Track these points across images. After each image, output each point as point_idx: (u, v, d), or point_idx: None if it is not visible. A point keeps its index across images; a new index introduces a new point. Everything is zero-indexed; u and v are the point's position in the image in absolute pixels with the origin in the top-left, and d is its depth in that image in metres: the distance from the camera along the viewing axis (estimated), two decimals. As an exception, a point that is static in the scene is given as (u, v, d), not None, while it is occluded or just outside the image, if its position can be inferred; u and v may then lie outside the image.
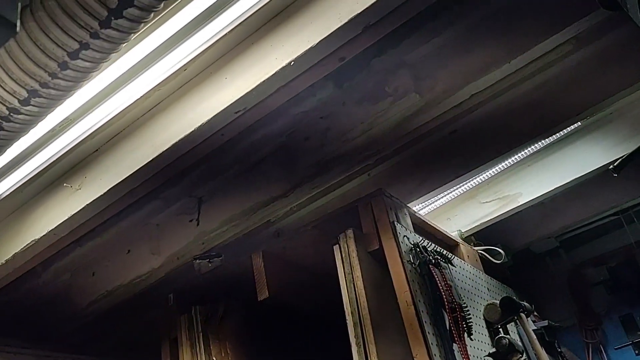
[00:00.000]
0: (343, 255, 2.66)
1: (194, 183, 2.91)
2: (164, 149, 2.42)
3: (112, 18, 1.52)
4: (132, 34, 1.64)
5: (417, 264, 2.56)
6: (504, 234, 3.65)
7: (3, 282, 3.05)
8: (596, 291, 3.94)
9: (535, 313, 3.37)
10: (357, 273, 2.55)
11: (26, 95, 1.65)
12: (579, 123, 3.13)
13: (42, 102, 1.70)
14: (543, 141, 3.24)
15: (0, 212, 2.85)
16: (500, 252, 3.39)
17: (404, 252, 2.53)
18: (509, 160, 3.37)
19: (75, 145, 2.60)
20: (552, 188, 3.31)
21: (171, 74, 2.35)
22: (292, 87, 2.26)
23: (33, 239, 2.78)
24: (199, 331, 3.11)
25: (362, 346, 2.41)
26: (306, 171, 2.74)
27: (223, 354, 3.08)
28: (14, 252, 2.83)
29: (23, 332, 3.65)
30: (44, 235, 2.76)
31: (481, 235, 3.58)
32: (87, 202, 2.63)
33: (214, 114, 2.31)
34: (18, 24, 1.26)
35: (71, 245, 2.99)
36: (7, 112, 1.69)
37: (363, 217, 2.72)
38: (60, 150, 2.58)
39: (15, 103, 1.67)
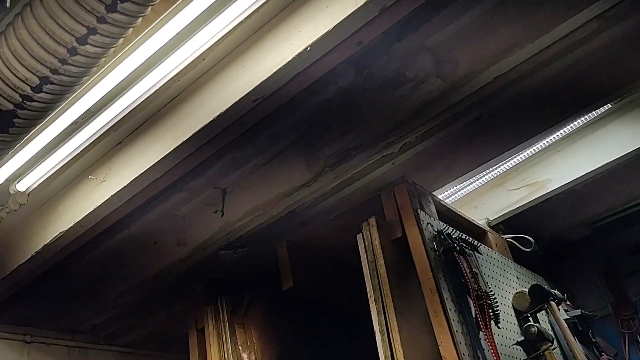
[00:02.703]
0: (366, 243, 2.63)
1: (218, 174, 2.92)
2: (186, 138, 2.43)
3: (118, 1, 1.52)
4: (140, 18, 1.64)
5: (441, 251, 2.51)
6: (534, 222, 3.53)
7: (34, 274, 3.12)
8: (632, 280, 3.81)
9: (568, 302, 3.29)
10: (380, 261, 2.52)
11: (38, 82, 1.67)
12: (610, 105, 3.03)
13: (55, 89, 1.72)
14: (573, 125, 3.15)
15: (29, 205, 2.90)
16: (530, 241, 3.31)
17: (427, 240, 2.49)
18: (538, 145, 3.28)
19: (99, 137, 2.62)
20: (584, 173, 3.19)
21: (190, 63, 2.34)
22: (310, 73, 2.24)
23: (61, 231, 2.83)
24: (225, 321, 3.13)
25: (386, 334, 2.38)
26: (328, 160, 2.71)
27: (249, 343, 3.09)
28: (43, 244, 2.89)
29: (55, 324, 3.74)
30: (71, 227, 2.80)
31: (510, 224, 3.48)
32: (112, 194, 2.67)
33: (233, 102, 2.30)
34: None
35: (99, 237, 3.03)
36: (21, 100, 1.71)
37: (386, 205, 2.69)
38: (84, 142, 2.60)
39: (28, 90, 1.69)
